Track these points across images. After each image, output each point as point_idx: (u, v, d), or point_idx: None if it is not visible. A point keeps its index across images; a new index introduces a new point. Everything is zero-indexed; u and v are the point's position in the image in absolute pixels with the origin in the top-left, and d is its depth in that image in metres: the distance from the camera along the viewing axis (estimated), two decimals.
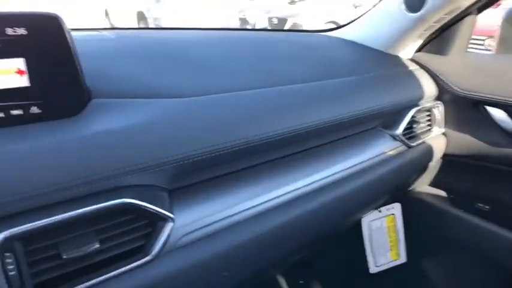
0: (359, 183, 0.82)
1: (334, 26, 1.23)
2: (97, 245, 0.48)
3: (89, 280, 0.47)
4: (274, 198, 0.67)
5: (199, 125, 0.57)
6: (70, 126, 0.49)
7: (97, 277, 0.48)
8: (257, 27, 6.64)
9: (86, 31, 0.83)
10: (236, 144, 0.60)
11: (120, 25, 7.70)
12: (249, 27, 6.82)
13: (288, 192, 0.69)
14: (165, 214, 0.52)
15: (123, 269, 0.49)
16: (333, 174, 0.77)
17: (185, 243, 0.55)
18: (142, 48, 0.72)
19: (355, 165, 0.83)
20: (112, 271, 0.49)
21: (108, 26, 6.08)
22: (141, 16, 7.73)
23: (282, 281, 1.27)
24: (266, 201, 0.65)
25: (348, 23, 1.15)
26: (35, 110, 0.48)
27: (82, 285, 0.47)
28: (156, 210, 0.51)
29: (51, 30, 0.48)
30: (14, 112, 0.46)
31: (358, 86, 0.84)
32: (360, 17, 1.10)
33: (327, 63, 0.88)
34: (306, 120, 0.69)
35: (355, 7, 6.12)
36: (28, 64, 0.46)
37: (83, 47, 0.51)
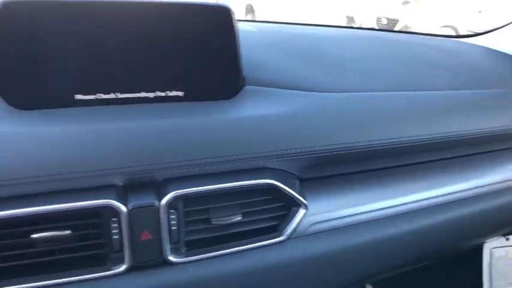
0: (488, 205, 0.76)
1: (451, 30, 1.14)
2: (239, 217, 0.53)
3: (229, 248, 0.53)
4: (401, 204, 0.66)
5: (341, 121, 0.59)
6: (226, 108, 0.55)
7: (236, 246, 0.53)
8: (364, 26, 6.41)
9: None
10: (371, 144, 0.60)
11: None
12: (355, 26, 6.62)
13: (413, 202, 0.68)
14: (300, 200, 0.55)
15: (258, 244, 0.54)
16: (461, 191, 0.73)
17: (314, 231, 0.58)
18: (285, 42, 0.76)
19: (487, 185, 0.77)
20: (249, 244, 0.53)
21: None
22: (249, 9, 8.00)
23: None
24: (392, 206, 0.65)
25: (490, 30, 1.05)
26: (195, 90, 0.54)
27: (222, 251, 0.52)
28: (293, 195, 0.54)
29: (223, 19, 0.53)
30: (174, 93, 0.53)
31: (506, 100, 0.77)
32: (507, 24, 1.00)
33: (472, 72, 0.82)
34: (445, 129, 0.66)
35: (479, 12, 5.54)
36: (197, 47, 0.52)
37: None
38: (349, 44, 0.83)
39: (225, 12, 0.53)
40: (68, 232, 0.46)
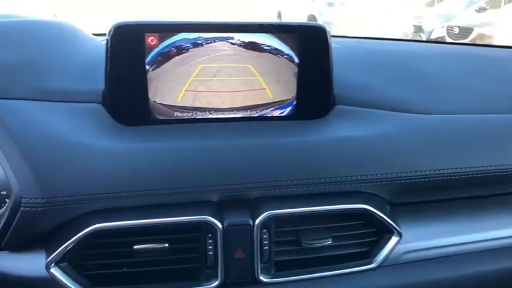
0: None
1: None
2: (330, 241, 0.52)
3: (318, 272, 0.52)
4: (501, 238, 0.60)
5: (440, 145, 0.56)
6: (319, 128, 0.54)
7: (326, 271, 0.52)
8: (433, 36, 6.10)
9: None
10: (470, 172, 0.56)
11: None
12: (423, 35, 6.32)
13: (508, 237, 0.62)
14: (394, 226, 0.52)
15: (348, 270, 0.52)
16: None
17: (407, 260, 0.55)
18: (371, 59, 0.74)
19: None
20: (339, 269, 0.52)
21: None
22: (311, 19, 7.98)
23: None
24: (492, 239, 0.60)
25: None
26: (291, 110, 0.54)
27: (312, 275, 0.51)
28: (387, 221, 0.52)
29: (319, 39, 0.53)
30: (274, 113, 0.54)
31: None
32: None
33: None
34: None
35: None
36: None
37: None
38: (437, 60, 0.79)
39: (321, 32, 0.53)
40: (166, 245, 0.48)
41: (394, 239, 0.53)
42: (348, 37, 1.03)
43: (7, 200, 0.45)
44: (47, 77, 0.52)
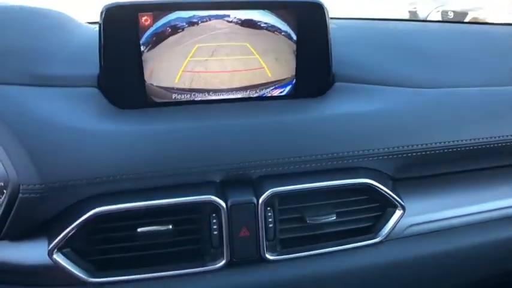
0: None
1: None
2: (334, 217, 0.51)
3: (323, 248, 0.51)
4: (503, 208, 0.60)
5: (437, 118, 0.55)
6: (319, 105, 0.54)
7: (331, 246, 0.51)
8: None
9: None
10: (469, 144, 0.56)
11: None
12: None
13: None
14: (397, 200, 0.52)
15: (352, 245, 0.52)
16: None
17: (410, 233, 0.55)
18: (370, 37, 0.73)
19: None
20: (344, 244, 0.52)
21: None
22: None
23: None
24: (494, 210, 0.60)
25: None
26: (290, 88, 0.54)
27: (317, 251, 0.51)
28: (390, 195, 0.52)
29: (316, 16, 0.52)
30: (274, 92, 0.53)
31: None
32: None
33: None
34: None
35: None
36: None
37: None
38: (435, 37, 0.78)
39: (318, 8, 0.52)
40: (170, 227, 0.48)
41: (398, 213, 0.53)
42: (344, 18, 1.02)
43: (5, 188, 0.45)
44: (42, 64, 0.51)
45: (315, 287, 0.52)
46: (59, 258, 0.45)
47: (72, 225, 0.44)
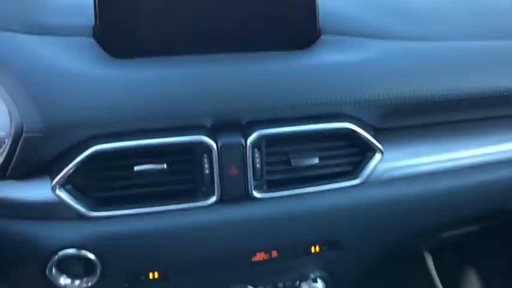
0: None
1: None
2: (317, 160, 0.55)
3: (306, 188, 0.55)
4: (474, 156, 0.65)
5: (418, 69, 0.59)
6: (305, 56, 0.57)
7: (313, 186, 0.56)
8: None
9: None
10: (447, 94, 0.60)
11: None
12: None
13: (489, 154, 0.66)
14: (376, 145, 0.56)
15: (334, 185, 0.56)
16: None
17: (389, 177, 0.59)
18: None
19: None
20: (325, 185, 0.56)
21: None
22: None
23: (429, 259, 1.22)
24: (465, 158, 0.64)
25: None
26: (275, 39, 0.56)
27: (301, 190, 0.55)
28: (369, 140, 0.56)
29: None
30: (254, 43, 0.55)
31: None
32: None
33: None
34: None
35: None
36: None
37: None
38: None
39: None
40: (164, 166, 0.51)
41: (378, 156, 0.57)
42: None
43: (9, 127, 0.48)
44: (40, 13, 0.53)
45: (299, 224, 0.57)
46: (61, 193, 0.49)
47: (74, 162, 0.48)
